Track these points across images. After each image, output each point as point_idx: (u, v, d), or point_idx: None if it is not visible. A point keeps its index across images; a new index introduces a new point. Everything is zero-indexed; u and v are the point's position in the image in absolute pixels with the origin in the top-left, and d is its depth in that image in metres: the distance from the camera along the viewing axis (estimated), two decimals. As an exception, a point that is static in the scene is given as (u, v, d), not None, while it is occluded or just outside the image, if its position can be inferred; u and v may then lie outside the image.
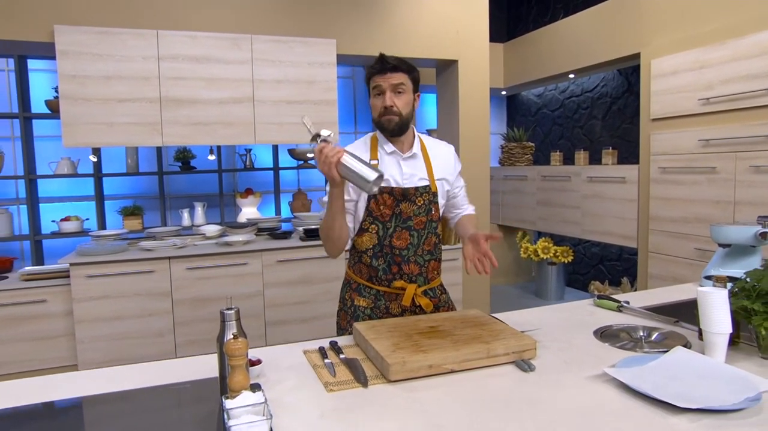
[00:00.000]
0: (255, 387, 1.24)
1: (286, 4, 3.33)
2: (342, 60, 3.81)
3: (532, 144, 5.26)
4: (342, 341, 1.51)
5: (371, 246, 1.58)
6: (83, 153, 3.76)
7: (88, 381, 1.27)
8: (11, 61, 3.55)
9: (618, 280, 4.63)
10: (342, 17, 3.45)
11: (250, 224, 3.74)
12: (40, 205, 3.78)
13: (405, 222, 1.58)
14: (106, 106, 2.92)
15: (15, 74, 3.45)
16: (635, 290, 4.09)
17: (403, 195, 1.57)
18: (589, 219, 4.19)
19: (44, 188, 3.84)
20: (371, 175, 1.33)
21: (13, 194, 3.78)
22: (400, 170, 1.59)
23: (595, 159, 4.57)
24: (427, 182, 1.62)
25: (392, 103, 1.52)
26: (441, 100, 4.19)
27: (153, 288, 2.99)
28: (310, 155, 3.40)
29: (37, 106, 3.62)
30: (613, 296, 1.80)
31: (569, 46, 4.40)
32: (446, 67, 4.01)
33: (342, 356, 1.38)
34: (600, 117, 4.76)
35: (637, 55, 3.74)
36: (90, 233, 3.40)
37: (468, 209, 1.80)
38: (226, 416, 0.98)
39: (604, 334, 1.49)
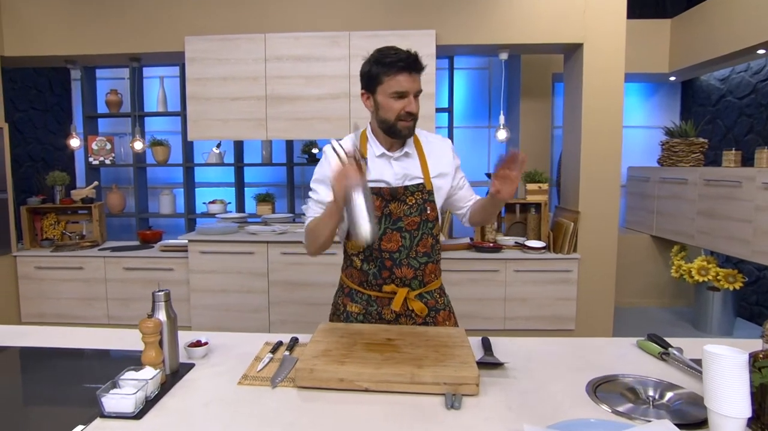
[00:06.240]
0: (188, 366, 1.30)
1: (384, -2, 3.32)
2: (464, 50, 3.66)
3: (704, 140, 4.25)
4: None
5: (361, 250, 1.50)
6: (227, 145, 4.37)
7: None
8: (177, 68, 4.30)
9: (812, 321, 3.48)
10: (443, 6, 3.29)
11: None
12: (196, 189, 4.52)
13: (395, 224, 1.46)
14: (222, 104, 3.33)
15: (179, 79, 4.18)
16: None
17: (391, 195, 1.46)
18: (763, 238, 3.23)
19: (202, 174, 4.58)
20: (364, 230, 1.18)
21: (179, 179, 4.59)
22: (392, 170, 1.48)
23: (786, 160, 3.49)
24: (420, 180, 1.50)
25: (417, 110, 1.43)
26: (567, 89, 3.69)
27: (252, 268, 3.33)
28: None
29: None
30: (664, 339, 1.37)
31: (757, 12, 3.42)
32: (572, 53, 3.51)
33: (286, 353, 1.34)
34: (804, 105, 3.62)
35: None
36: (216, 215, 3.93)
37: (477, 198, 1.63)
38: (111, 384, 1.05)
39: (602, 386, 1.15)
